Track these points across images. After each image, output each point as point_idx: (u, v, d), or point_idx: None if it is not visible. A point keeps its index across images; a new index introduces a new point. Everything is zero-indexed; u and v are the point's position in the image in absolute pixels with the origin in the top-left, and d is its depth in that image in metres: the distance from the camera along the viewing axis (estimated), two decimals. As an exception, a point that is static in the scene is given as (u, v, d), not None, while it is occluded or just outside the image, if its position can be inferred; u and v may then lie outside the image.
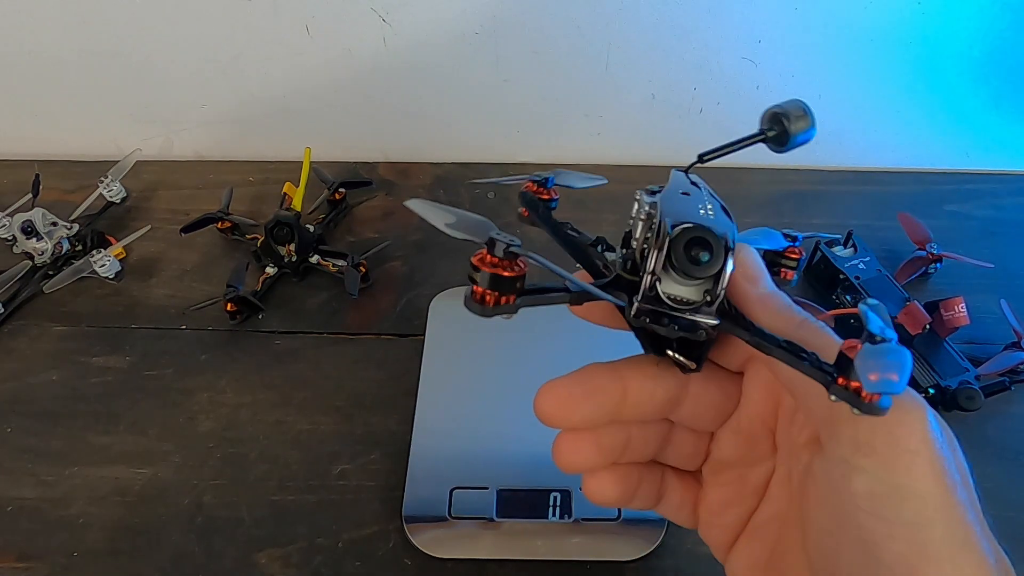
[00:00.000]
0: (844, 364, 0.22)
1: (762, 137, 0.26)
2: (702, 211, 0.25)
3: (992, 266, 0.55)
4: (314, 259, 0.59)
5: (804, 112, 0.25)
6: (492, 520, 0.44)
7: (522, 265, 0.22)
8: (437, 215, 0.24)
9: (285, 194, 0.62)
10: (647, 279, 0.24)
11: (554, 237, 0.29)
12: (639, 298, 0.24)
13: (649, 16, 0.61)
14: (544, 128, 0.70)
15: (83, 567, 0.44)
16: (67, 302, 0.58)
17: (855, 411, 0.21)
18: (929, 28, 0.61)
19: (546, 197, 0.33)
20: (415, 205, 0.25)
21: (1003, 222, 0.63)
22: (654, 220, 0.25)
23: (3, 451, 0.49)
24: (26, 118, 0.71)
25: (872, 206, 0.64)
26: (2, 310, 0.56)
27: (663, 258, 0.23)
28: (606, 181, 0.36)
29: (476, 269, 0.22)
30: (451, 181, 0.68)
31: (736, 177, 0.66)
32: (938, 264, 0.56)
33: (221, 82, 0.67)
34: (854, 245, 0.56)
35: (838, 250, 0.56)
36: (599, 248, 0.29)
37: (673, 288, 0.24)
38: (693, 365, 0.25)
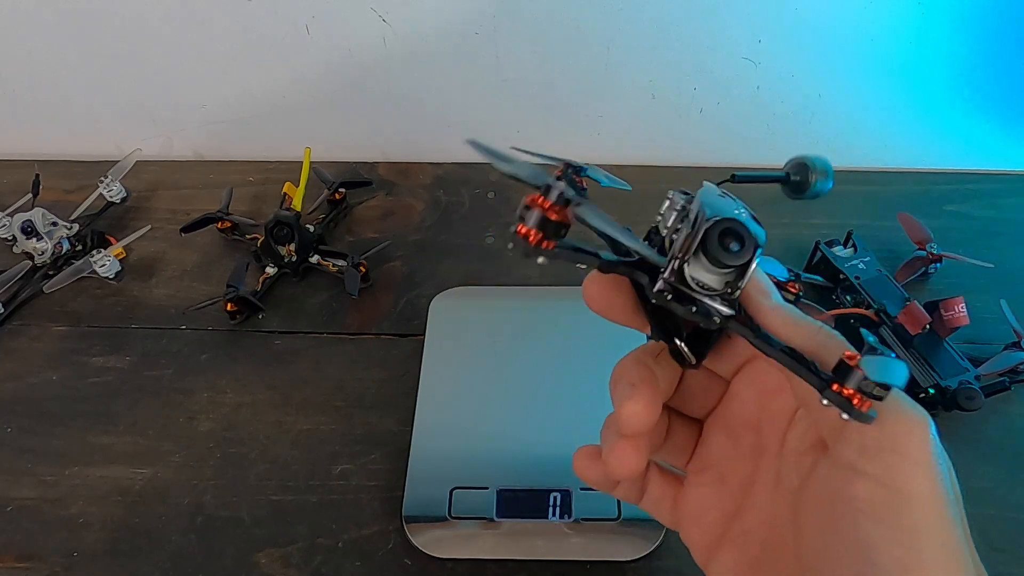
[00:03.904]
0: (843, 371, 0.23)
1: (784, 180, 0.30)
2: (737, 212, 0.26)
3: (992, 266, 0.55)
4: (314, 259, 0.59)
5: (827, 170, 0.29)
6: (492, 520, 0.44)
7: (570, 218, 0.23)
8: (497, 156, 0.24)
9: (285, 194, 0.62)
10: (676, 260, 0.25)
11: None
12: (665, 273, 0.25)
13: (649, 16, 0.61)
14: (544, 128, 0.70)
15: (83, 567, 0.44)
16: (67, 302, 0.58)
17: (844, 416, 0.22)
18: (929, 28, 0.61)
19: (581, 184, 0.33)
20: (473, 143, 0.25)
21: (1003, 222, 0.63)
22: (690, 211, 0.26)
23: (3, 451, 0.49)
24: (26, 118, 0.71)
25: (872, 206, 0.64)
26: (2, 310, 0.56)
27: (697, 242, 0.25)
28: (630, 188, 0.37)
29: (528, 208, 0.22)
30: (451, 181, 0.68)
31: (736, 177, 0.66)
32: (938, 264, 0.56)
33: (221, 82, 0.67)
34: (854, 245, 0.56)
35: (838, 250, 0.56)
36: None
37: (699, 273, 0.25)
38: (695, 360, 0.26)
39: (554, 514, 0.44)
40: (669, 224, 0.27)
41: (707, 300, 0.25)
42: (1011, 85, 0.65)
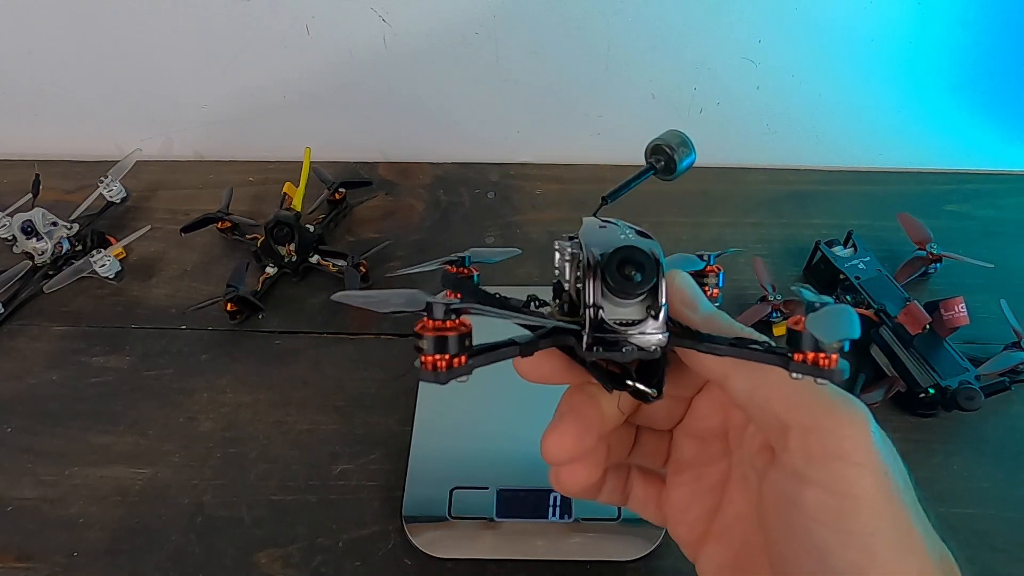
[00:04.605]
0: (795, 339, 0.22)
1: (652, 170, 0.29)
2: (623, 237, 0.26)
3: (992, 266, 0.55)
4: (314, 259, 0.59)
5: (684, 140, 0.28)
6: (492, 520, 0.44)
7: (467, 323, 0.22)
8: (369, 301, 0.23)
9: (285, 194, 0.62)
10: (590, 311, 0.24)
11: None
12: (587, 330, 0.24)
13: (649, 16, 0.61)
14: (544, 128, 0.70)
15: (83, 567, 0.44)
16: (67, 302, 0.58)
17: (820, 381, 0.22)
18: (929, 28, 0.61)
19: (466, 274, 0.33)
20: (342, 298, 0.25)
21: (1003, 222, 0.63)
22: (581, 257, 0.25)
23: (3, 451, 0.49)
24: (26, 118, 0.71)
25: (872, 206, 0.64)
26: (2, 310, 0.56)
27: (600, 286, 0.24)
28: (520, 252, 0.38)
29: (420, 337, 0.22)
30: (451, 181, 0.68)
31: (736, 177, 0.66)
32: (938, 264, 0.56)
33: (221, 82, 0.67)
34: (854, 245, 0.56)
35: (838, 250, 0.56)
36: (533, 306, 0.29)
37: (616, 312, 0.25)
38: (655, 392, 0.26)
39: (554, 514, 0.44)
40: (568, 277, 0.27)
41: (637, 336, 0.24)
42: (1011, 85, 0.65)
